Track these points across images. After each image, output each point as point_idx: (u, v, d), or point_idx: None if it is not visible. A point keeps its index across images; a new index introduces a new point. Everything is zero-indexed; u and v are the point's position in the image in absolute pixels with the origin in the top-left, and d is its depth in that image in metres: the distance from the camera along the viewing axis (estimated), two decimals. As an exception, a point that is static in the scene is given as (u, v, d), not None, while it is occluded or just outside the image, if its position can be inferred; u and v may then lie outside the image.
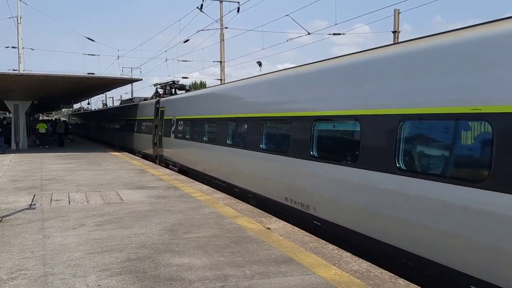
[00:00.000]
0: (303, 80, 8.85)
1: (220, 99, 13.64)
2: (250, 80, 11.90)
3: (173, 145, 17.73)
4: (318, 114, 7.93)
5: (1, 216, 8.08)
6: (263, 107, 10.31)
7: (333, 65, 7.97)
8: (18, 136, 26.61)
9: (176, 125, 17.33)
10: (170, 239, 6.68)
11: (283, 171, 8.92)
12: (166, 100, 19.96)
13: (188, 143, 15.84)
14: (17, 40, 26.90)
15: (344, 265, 5.49)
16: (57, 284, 4.88)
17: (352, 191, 6.78)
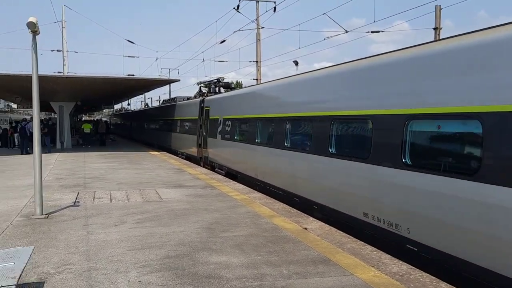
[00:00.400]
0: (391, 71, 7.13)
1: (276, 96, 12.22)
2: (317, 73, 9.99)
3: (220, 147, 16.55)
4: (413, 112, 6.37)
5: (48, 213, 8.43)
6: (336, 104, 8.64)
7: None
8: (63, 136, 27.68)
9: (223, 125, 16.07)
10: (207, 237, 6.76)
11: (362, 181, 7.38)
12: (212, 99, 18.96)
13: (237, 145, 14.51)
14: (62, 44, 28.04)
15: (383, 267, 5.39)
16: (100, 279, 5.05)
17: (474, 212, 5.21)
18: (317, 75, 9.94)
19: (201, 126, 19.42)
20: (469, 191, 5.27)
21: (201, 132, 19.43)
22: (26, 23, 7.83)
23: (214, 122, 17.43)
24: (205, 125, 18.72)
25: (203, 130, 19.00)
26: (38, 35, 8.18)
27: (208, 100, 19.24)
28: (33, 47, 8.15)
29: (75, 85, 22.46)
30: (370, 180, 7.17)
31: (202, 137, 19.10)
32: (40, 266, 5.48)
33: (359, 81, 8.10)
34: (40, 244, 6.41)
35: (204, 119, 19.12)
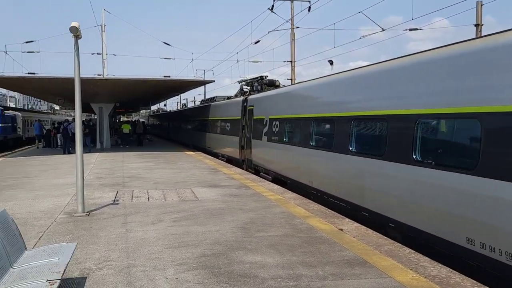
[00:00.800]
0: None
1: (337, 92, 10.55)
2: (396, 63, 8.11)
3: (266, 150, 15.06)
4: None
5: (89, 211, 8.72)
6: (429, 98, 6.82)
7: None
8: (102, 136, 28.54)
9: (270, 126, 14.61)
10: (242, 237, 6.81)
11: (465, 199, 5.82)
12: (256, 98, 17.47)
13: (287, 148, 12.99)
14: (101, 47, 28.86)
15: (422, 269, 5.27)
16: (139, 275, 5.18)
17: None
18: (399, 64, 8.03)
19: (244, 126, 18.09)
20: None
21: (243, 133, 18.07)
22: (69, 27, 8.14)
23: (258, 123, 16.07)
24: (248, 125, 17.39)
25: (246, 131, 17.66)
26: (80, 39, 8.48)
27: (252, 99, 17.87)
28: (75, 51, 8.46)
29: (114, 86, 23.10)
30: (479, 200, 5.60)
31: (245, 138, 17.74)
32: (82, 262, 5.68)
33: None
34: (82, 240, 6.64)
35: (247, 119, 17.74)
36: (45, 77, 21.49)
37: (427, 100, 6.81)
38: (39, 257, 4.60)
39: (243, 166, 17.77)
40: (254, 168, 16.50)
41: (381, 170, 7.81)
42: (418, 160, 6.84)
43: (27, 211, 8.91)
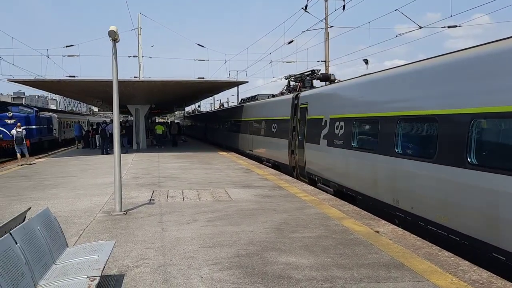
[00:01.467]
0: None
1: (447, 81, 7.46)
2: None
3: (326, 156, 12.37)
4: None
5: (126, 210, 8.94)
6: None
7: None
8: (138, 137, 29.18)
9: (332, 128, 11.98)
10: (276, 238, 6.81)
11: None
12: (311, 95, 14.84)
13: (359, 156, 10.20)
14: (138, 50, 29.51)
15: (461, 274, 5.11)
16: (175, 274, 5.27)
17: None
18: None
19: (294, 128, 15.61)
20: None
21: (294, 136, 15.58)
22: (108, 31, 8.37)
23: (315, 123, 13.45)
24: (301, 126, 14.90)
25: (298, 133, 15.14)
26: (118, 43, 8.70)
27: (305, 96, 15.15)
28: (113, 54, 8.69)
29: (149, 88, 23.58)
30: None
31: (296, 141, 15.26)
32: (120, 259, 5.83)
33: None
34: (120, 239, 6.81)
35: (298, 120, 15.23)
36: (84, 80, 22.20)
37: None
38: (80, 254, 4.75)
39: (293, 174, 15.38)
40: (308, 177, 13.89)
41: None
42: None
43: (68, 209, 9.23)
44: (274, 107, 19.38)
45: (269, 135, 19.42)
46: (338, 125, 11.75)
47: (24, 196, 11.01)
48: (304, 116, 14.80)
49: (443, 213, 6.99)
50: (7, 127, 30.37)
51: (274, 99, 20.46)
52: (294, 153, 15.55)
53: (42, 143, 33.76)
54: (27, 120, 30.92)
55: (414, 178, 7.95)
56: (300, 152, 14.79)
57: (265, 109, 21.10)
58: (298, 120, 15.43)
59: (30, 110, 32.79)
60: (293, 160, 15.74)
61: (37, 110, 33.94)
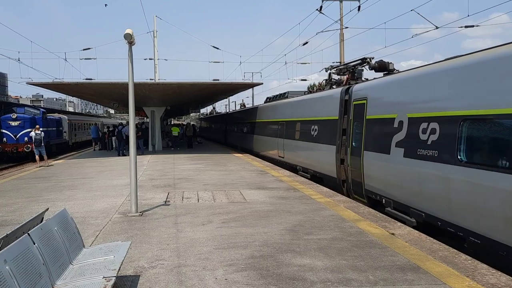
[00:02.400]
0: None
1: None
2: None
3: (402, 171, 8.93)
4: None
5: (142, 211, 9.02)
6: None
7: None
8: (154, 138, 29.43)
9: (413, 131, 8.59)
10: (291, 239, 6.79)
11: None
12: (371, 86, 11.30)
13: (477, 177, 6.58)
14: (153, 52, 29.81)
15: (479, 277, 5.03)
16: (190, 275, 5.30)
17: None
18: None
19: (345, 130, 12.32)
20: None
21: (344, 141, 12.29)
22: (123, 34, 8.47)
23: (380, 125, 10.18)
24: (355, 129, 11.51)
25: (351, 137, 11.70)
26: (134, 45, 8.80)
27: (362, 89, 11.58)
28: (129, 56, 8.79)
29: (165, 90, 23.76)
30: None
31: (349, 148, 11.77)
32: (136, 260, 5.88)
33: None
34: (135, 240, 6.87)
35: (351, 120, 11.81)
36: (101, 83, 22.49)
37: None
38: (96, 254, 4.81)
39: (343, 189, 12.14)
40: (367, 195, 10.53)
41: None
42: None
43: (85, 210, 9.35)
44: (314, 105, 15.82)
45: (306, 140, 15.76)
46: (426, 127, 8.16)
47: (42, 197, 11.20)
48: (360, 115, 11.25)
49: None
50: (11, 129, 28.53)
51: (313, 96, 16.55)
52: (345, 163, 12.02)
53: (50, 147, 30.83)
54: (33, 122, 28.68)
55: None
56: (355, 163, 11.22)
57: (300, 108, 17.39)
58: (351, 120, 11.90)
59: (36, 111, 30.92)
60: (342, 172, 12.28)
61: (44, 111, 32.08)
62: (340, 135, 12.56)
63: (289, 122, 18.43)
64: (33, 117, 29.33)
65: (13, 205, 10.17)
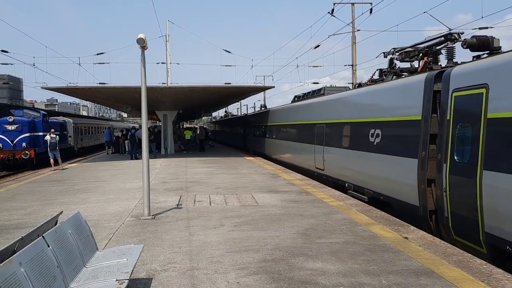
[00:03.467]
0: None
1: None
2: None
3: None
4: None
5: (154, 214, 9.07)
6: None
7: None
8: (166, 142, 29.61)
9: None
10: (303, 243, 6.77)
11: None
12: (496, 67, 7.01)
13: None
14: (166, 56, 30.01)
15: (494, 282, 4.95)
16: (202, 278, 5.31)
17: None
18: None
19: (434, 136, 8.47)
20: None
21: (433, 152, 8.48)
22: (136, 39, 8.55)
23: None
24: (459, 135, 7.72)
25: (447, 147, 7.91)
26: (146, 50, 8.87)
27: (472, 72, 7.57)
28: (142, 61, 8.87)
29: (177, 94, 23.91)
30: None
31: (446, 164, 7.85)
32: (148, 263, 5.91)
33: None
34: (148, 243, 6.91)
35: (451, 121, 7.90)
36: (114, 87, 22.70)
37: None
38: (109, 257, 4.85)
39: (430, 224, 8.44)
40: (488, 243, 6.72)
41: None
42: None
43: (99, 213, 9.44)
44: (373, 102, 11.67)
45: (361, 148, 11.70)
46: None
47: (57, 200, 11.33)
48: (472, 112, 7.33)
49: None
50: (7, 134, 25.80)
51: (371, 89, 12.00)
52: (436, 185, 8.18)
53: None
54: (32, 125, 26.41)
55: None
56: (462, 188, 7.32)
57: (349, 107, 13.31)
58: (450, 121, 7.94)
59: (36, 114, 28.17)
60: (430, 198, 8.46)
61: (45, 114, 29.18)
62: (426, 143, 8.67)
63: (331, 125, 14.38)
64: (32, 121, 26.84)
65: (28, 208, 10.31)
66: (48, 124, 28.21)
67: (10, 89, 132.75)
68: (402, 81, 10.48)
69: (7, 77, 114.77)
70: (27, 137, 25.91)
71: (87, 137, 40.12)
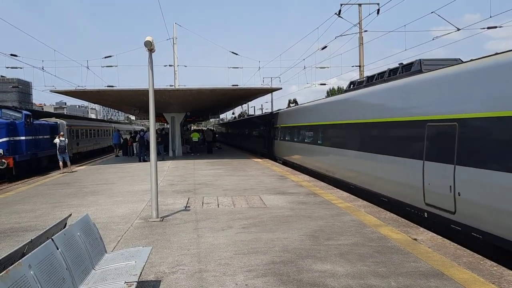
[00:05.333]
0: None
1: None
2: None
3: None
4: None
5: (163, 216, 9.09)
6: None
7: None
8: (174, 144, 29.69)
9: None
10: (311, 245, 6.74)
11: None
12: None
13: None
14: (173, 59, 30.13)
15: (505, 284, 4.89)
16: (210, 280, 5.31)
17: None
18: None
19: None
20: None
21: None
22: (144, 42, 8.59)
23: None
24: None
25: None
26: (154, 52, 8.91)
27: None
28: (149, 63, 8.90)
29: (185, 96, 23.97)
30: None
31: None
32: (157, 265, 5.92)
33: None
34: (156, 245, 6.93)
35: None
36: (122, 90, 22.82)
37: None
38: (118, 259, 4.86)
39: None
40: None
41: None
42: None
43: (107, 216, 9.48)
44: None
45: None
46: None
47: (66, 203, 11.40)
48: None
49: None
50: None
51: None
52: None
53: (38, 161, 24.54)
54: (11, 128, 21.79)
55: None
56: None
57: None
58: None
59: (17, 115, 23.13)
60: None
61: (29, 115, 23.99)
62: None
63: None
64: (12, 122, 22.08)
65: (38, 210, 10.38)
66: (33, 127, 24.10)
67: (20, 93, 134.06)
68: None
69: (16, 80, 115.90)
70: (5, 143, 21.24)
71: (84, 141, 35.29)
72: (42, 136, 25.51)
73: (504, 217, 6.37)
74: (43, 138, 25.63)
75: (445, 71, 8.63)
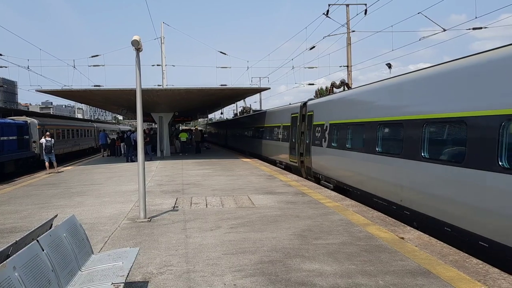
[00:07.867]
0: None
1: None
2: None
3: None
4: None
5: (150, 217, 9.03)
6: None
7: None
8: (162, 144, 29.54)
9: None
10: (300, 244, 6.75)
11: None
12: None
13: None
14: (161, 59, 29.98)
15: (491, 281, 4.96)
16: (198, 281, 5.28)
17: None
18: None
19: None
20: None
21: None
22: (131, 41, 8.52)
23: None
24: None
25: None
26: (141, 52, 8.85)
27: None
28: (136, 63, 8.83)
29: (173, 96, 23.87)
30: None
31: None
32: (145, 266, 5.88)
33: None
34: (144, 245, 6.88)
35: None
36: (109, 89, 22.64)
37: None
38: (105, 261, 4.81)
39: None
40: None
41: None
42: None
43: (94, 216, 9.38)
44: None
45: None
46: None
47: (52, 203, 11.27)
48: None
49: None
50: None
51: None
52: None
53: (2, 165, 22.08)
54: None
55: None
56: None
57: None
58: None
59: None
60: None
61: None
62: None
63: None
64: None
65: (23, 211, 10.24)
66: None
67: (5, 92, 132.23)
68: None
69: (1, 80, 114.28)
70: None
71: (61, 143, 31.70)
72: (8, 137, 22.91)
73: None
74: (10, 139, 23.00)
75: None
